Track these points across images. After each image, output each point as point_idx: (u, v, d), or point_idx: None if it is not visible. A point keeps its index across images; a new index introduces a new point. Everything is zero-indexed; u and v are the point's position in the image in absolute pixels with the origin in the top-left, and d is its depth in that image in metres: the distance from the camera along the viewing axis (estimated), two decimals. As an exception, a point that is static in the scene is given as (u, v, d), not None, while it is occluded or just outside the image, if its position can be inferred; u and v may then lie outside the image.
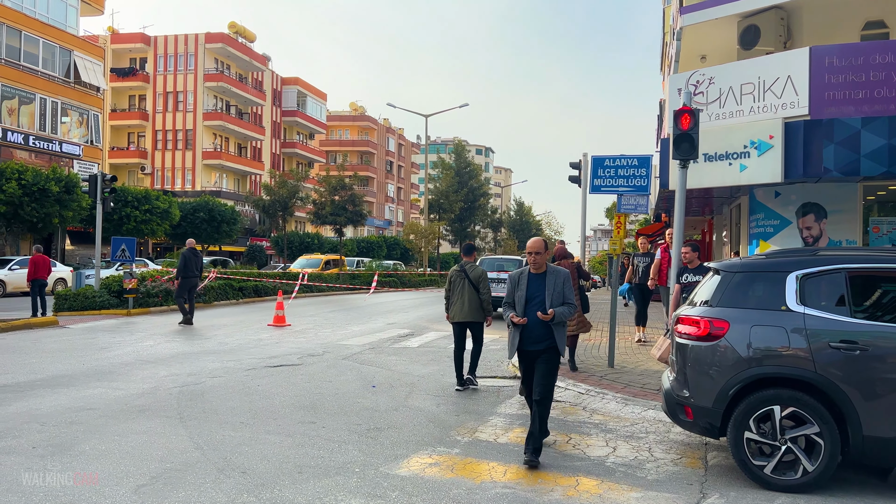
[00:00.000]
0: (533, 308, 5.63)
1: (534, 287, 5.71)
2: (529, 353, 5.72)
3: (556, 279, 5.70)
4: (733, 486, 5.05)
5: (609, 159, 9.69)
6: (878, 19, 13.28)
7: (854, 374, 4.77)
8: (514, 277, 5.85)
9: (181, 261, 15.37)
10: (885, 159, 10.11)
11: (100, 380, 8.59)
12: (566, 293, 5.69)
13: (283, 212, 34.08)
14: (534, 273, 5.78)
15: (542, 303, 5.61)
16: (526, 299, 5.68)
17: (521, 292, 5.72)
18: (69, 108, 35.62)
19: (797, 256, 5.36)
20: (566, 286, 5.69)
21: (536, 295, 5.67)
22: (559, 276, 5.72)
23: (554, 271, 5.77)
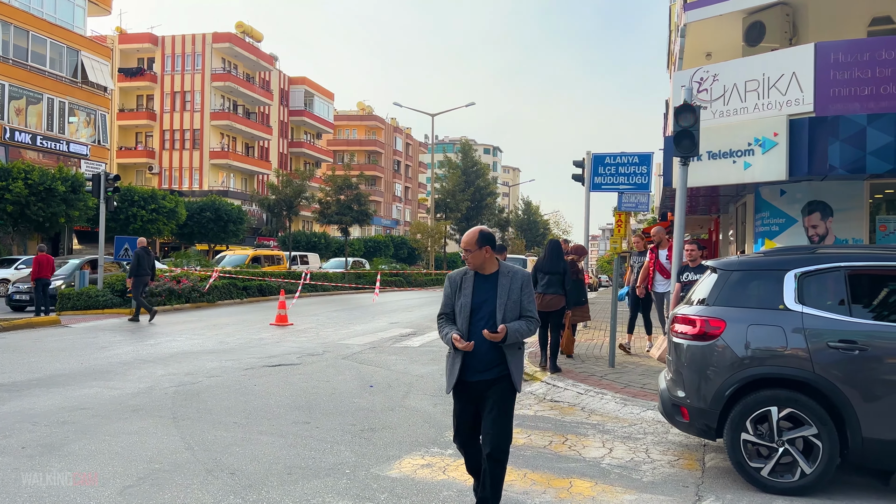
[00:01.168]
0: (479, 322, 4.11)
1: (482, 293, 4.17)
2: (472, 385, 4.16)
3: (511, 283, 4.16)
4: (730, 489, 4.95)
5: (610, 157, 9.59)
6: (885, 15, 13.11)
7: (853, 374, 4.66)
8: (454, 278, 4.28)
9: (135, 259, 15.41)
10: (892, 157, 9.96)
11: (96, 379, 8.56)
12: (525, 303, 4.16)
13: (288, 211, 34.08)
14: (481, 274, 4.24)
15: (492, 314, 4.11)
16: (471, 310, 4.15)
17: (464, 300, 4.18)
18: (76, 108, 35.76)
19: (795, 255, 5.25)
20: (525, 293, 4.18)
21: (484, 304, 4.15)
22: (516, 280, 4.18)
23: (509, 272, 4.22)
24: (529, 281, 4.25)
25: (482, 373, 4.14)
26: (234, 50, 53.12)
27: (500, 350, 4.12)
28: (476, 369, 4.14)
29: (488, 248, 4.17)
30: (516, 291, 4.17)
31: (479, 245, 4.15)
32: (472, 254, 4.16)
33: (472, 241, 4.16)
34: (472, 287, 4.20)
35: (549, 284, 9.27)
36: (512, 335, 4.04)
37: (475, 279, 4.22)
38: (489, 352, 4.11)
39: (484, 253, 4.15)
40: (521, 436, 6.30)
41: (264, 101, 57.77)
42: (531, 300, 4.20)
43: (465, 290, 4.22)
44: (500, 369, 4.13)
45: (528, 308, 4.18)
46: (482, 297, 4.17)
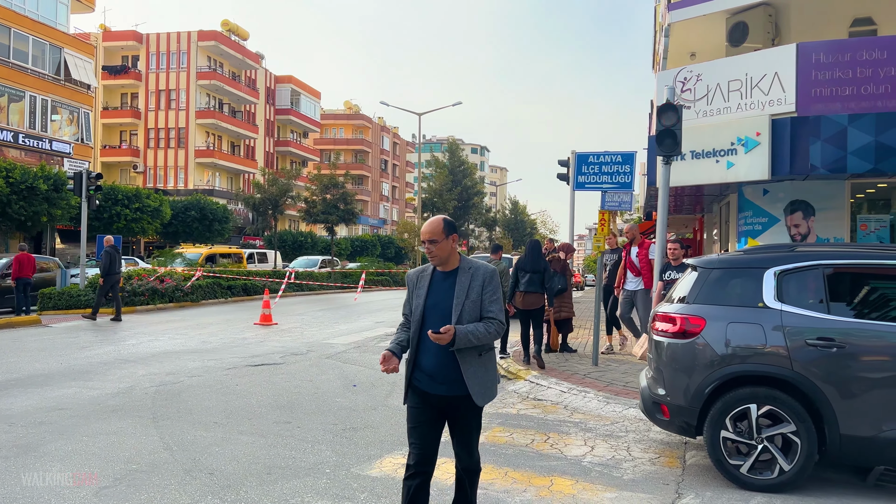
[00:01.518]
0: (434, 323, 3.52)
1: (438, 293, 3.61)
2: (430, 397, 3.60)
3: (471, 280, 3.57)
4: (710, 486, 4.96)
5: (593, 156, 9.61)
6: (866, 16, 13.23)
7: (831, 371, 4.68)
8: (411, 278, 3.76)
9: (106, 258, 15.26)
10: (872, 156, 10.04)
11: (75, 379, 8.47)
12: (486, 302, 3.55)
13: (273, 210, 33.92)
14: (440, 271, 3.68)
15: (447, 317, 3.52)
16: (424, 310, 3.59)
17: (416, 301, 3.65)
18: (59, 106, 35.39)
19: (775, 253, 5.28)
20: (487, 291, 3.56)
21: (440, 305, 3.58)
22: (477, 276, 3.58)
23: (470, 268, 3.62)
24: (494, 277, 3.60)
25: (440, 385, 3.54)
26: (220, 48, 52.80)
27: (452, 360, 3.50)
28: (434, 380, 3.55)
29: (455, 236, 3.62)
30: (476, 290, 3.54)
31: (447, 233, 3.56)
32: (438, 245, 3.55)
33: (439, 230, 3.55)
34: (427, 286, 3.63)
35: (531, 283, 9.50)
36: (463, 339, 3.39)
37: (433, 277, 3.65)
38: (446, 361, 3.50)
39: (451, 243, 3.58)
40: (504, 434, 6.30)
41: (250, 100, 57.47)
42: (495, 300, 3.58)
43: (420, 290, 3.64)
44: (461, 385, 3.51)
45: (490, 309, 3.54)
46: (438, 297, 3.58)
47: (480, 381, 3.55)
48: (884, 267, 4.98)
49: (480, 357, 3.56)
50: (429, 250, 3.59)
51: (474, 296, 3.55)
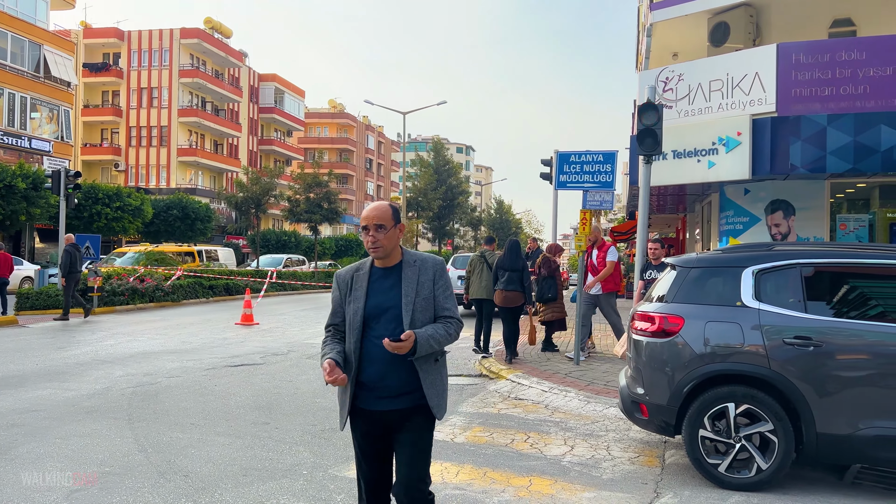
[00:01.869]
0: (379, 333, 3.00)
1: (380, 293, 3.07)
2: (376, 415, 3.07)
3: (420, 275, 3.08)
4: (688, 485, 4.96)
5: (575, 155, 9.61)
6: (846, 17, 13.35)
7: (808, 370, 4.69)
8: (343, 278, 3.18)
9: (66, 257, 15.07)
10: (851, 156, 10.13)
11: (51, 380, 8.34)
12: (440, 299, 3.10)
13: (256, 209, 33.69)
14: (380, 268, 3.14)
15: (397, 320, 3.01)
16: (365, 316, 3.05)
17: (354, 305, 3.08)
18: (39, 104, 34.96)
19: (753, 252, 5.29)
20: (440, 286, 3.10)
21: (385, 308, 3.04)
22: (426, 270, 3.10)
23: (416, 261, 3.13)
24: (444, 269, 3.13)
25: (388, 400, 3.03)
26: (203, 46, 52.38)
27: (412, 368, 3.01)
28: (378, 395, 3.03)
29: (402, 227, 3.14)
30: (427, 285, 3.07)
31: (395, 221, 3.07)
32: (386, 233, 3.02)
33: (388, 216, 3.04)
34: (365, 287, 3.07)
35: (509, 281, 9.78)
36: (424, 344, 2.92)
37: (370, 275, 3.10)
38: (396, 371, 3.00)
39: (398, 233, 3.08)
40: (484, 434, 6.27)
41: (233, 98, 57.07)
42: (449, 295, 3.11)
43: (357, 291, 3.08)
44: (414, 396, 3.04)
45: (446, 306, 3.09)
46: (381, 298, 3.05)
47: (438, 392, 3.09)
48: (861, 266, 5.01)
49: (437, 363, 3.11)
50: (373, 240, 3.02)
51: (426, 292, 3.06)
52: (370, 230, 3.04)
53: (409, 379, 3.04)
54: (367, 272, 3.14)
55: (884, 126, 9.92)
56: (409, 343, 2.88)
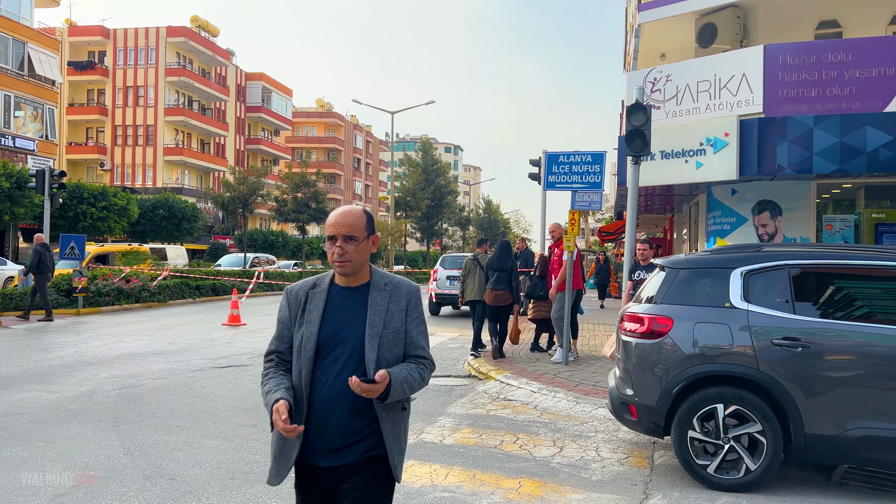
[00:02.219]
0: (333, 367, 2.43)
1: (339, 317, 2.48)
2: (322, 472, 2.44)
3: (390, 302, 2.51)
4: (677, 486, 4.96)
5: (563, 156, 9.62)
6: (832, 19, 13.44)
7: (796, 371, 4.71)
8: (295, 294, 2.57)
9: (35, 256, 14.89)
10: (837, 157, 10.20)
11: (35, 382, 8.24)
12: (414, 335, 2.54)
13: (243, 209, 33.53)
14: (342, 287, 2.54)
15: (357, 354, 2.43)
16: (317, 345, 2.45)
17: (307, 329, 2.47)
18: (23, 102, 34.60)
19: (741, 253, 5.30)
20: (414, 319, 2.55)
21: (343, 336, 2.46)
22: (398, 296, 2.53)
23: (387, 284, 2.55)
24: (419, 298, 2.56)
25: (338, 453, 2.41)
26: (189, 44, 52.04)
27: (372, 415, 2.42)
28: (327, 447, 2.40)
29: (377, 238, 2.56)
30: (398, 315, 2.49)
31: (369, 231, 2.50)
32: (357, 246, 2.43)
33: (361, 224, 2.46)
34: (322, 308, 2.47)
35: (498, 281, 9.98)
36: (398, 388, 2.35)
37: (329, 294, 2.51)
38: (354, 418, 2.40)
39: (371, 246, 2.52)
40: (473, 435, 6.25)
41: (220, 97, 56.75)
42: (423, 330, 2.57)
43: (312, 312, 2.48)
44: (369, 442, 2.42)
45: (421, 343, 2.54)
46: (340, 323, 2.45)
47: (401, 447, 2.51)
48: (848, 267, 5.03)
49: (404, 412, 2.53)
50: (340, 252, 2.42)
51: (396, 324, 2.48)
52: (337, 240, 2.42)
53: (368, 428, 2.42)
54: (325, 290, 2.53)
55: (869, 127, 9.99)
56: (383, 386, 2.30)
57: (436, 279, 17.88)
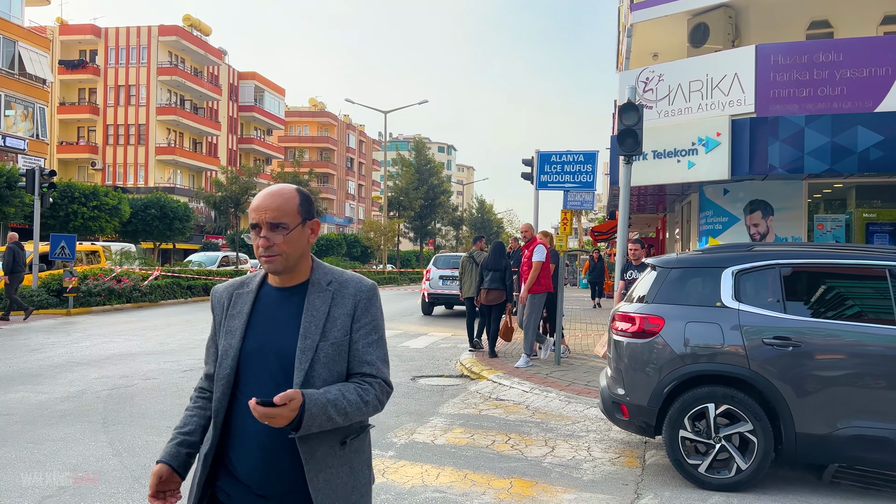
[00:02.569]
0: (260, 385, 1.91)
1: (268, 325, 1.98)
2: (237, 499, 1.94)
3: (332, 306, 1.98)
4: (668, 486, 4.96)
5: (555, 155, 9.61)
6: (823, 19, 13.49)
7: (787, 370, 4.71)
8: (219, 296, 2.09)
9: (9, 255, 14.75)
10: (828, 157, 10.22)
11: (24, 383, 8.17)
12: (361, 346, 1.99)
13: (235, 208, 33.41)
14: (275, 287, 2.04)
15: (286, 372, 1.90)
16: (240, 360, 1.96)
17: (225, 342, 1.99)
18: (13, 101, 34.39)
19: (732, 252, 5.30)
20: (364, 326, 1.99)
21: (272, 348, 1.94)
22: (342, 299, 1.99)
23: (331, 282, 2.02)
24: (373, 299, 2.02)
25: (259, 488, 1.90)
26: (181, 43, 51.84)
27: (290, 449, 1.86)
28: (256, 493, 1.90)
29: (316, 225, 2.02)
30: (342, 322, 1.96)
31: (304, 216, 1.97)
32: (287, 235, 1.92)
33: (291, 208, 1.94)
34: (247, 314, 1.98)
35: (493, 280, 10.12)
36: (318, 415, 1.78)
37: (259, 297, 2.02)
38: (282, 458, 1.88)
39: (308, 235, 1.99)
40: (465, 435, 6.23)
41: (213, 96, 56.56)
42: (375, 341, 2.00)
43: (235, 319, 1.99)
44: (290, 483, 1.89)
45: (368, 359, 1.97)
46: (268, 334, 1.95)
47: (340, 498, 1.91)
48: (838, 266, 5.04)
49: (344, 448, 1.93)
50: (265, 245, 1.91)
51: (337, 333, 1.94)
52: (261, 229, 1.92)
53: (289, 478, 1.89)
54: (253, 291, 2.02)
55: (860, 127, 10.03)
56: (289, 409, 1.71)
57: (428, 279, 17.85)
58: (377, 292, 2.06)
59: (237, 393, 1.95)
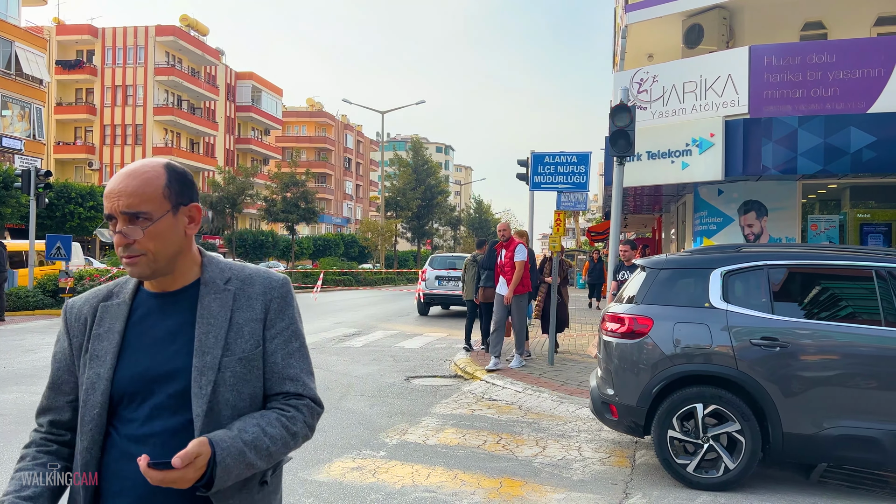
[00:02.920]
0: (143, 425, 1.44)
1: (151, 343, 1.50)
2: None
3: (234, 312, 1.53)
4: (657, 486, 4.99)
5: (549, 156, 9.64)
6: (817, 20, 13.52)
7: (774, 371, 4.74)
8: (76, 312, 1.58)
9: None
10: (821, 158, 10.26)
11: (18, 384, 8.19)
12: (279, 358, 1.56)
13: (231, 208, 33.43)
14: (153, 294, 1.56)
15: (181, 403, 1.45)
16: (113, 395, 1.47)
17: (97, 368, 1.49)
18: (10, 101, 34.37)
19: (721, 253, 5.33)
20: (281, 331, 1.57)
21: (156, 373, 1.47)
22: (249, 301, 1.56)
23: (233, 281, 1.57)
24: (288, 297, 1.63)
25: None
26: (179, 43, 51.83)
27: None
28: None
29: (195, 211, 1.58)
30: (250, 329, 1.56)
31: (174, 200, 1.53)
32: (152, 227, 1.49)
33: (153, 192, 1.50)
34: (119, 332, 1.54)
35: (488, 279, 10.31)
36: (235, 465, 1.41)
37: (133, 308, 1.57)
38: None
39: (184, 223, 1.56)
40: (456, 436, 6.26)
41: (210, 97, 56.55)
42: (297, 350, 1.61)
43: (102, 341, 1.54)
44: None
45: (288, 373, 1.58)
46: (150, 356, 1.51)
47: None
48: (826, 267, 5.07)
49: (264, 490, 1.56)
50: (122, 242, 1.48)
51: (246, 345, 1.54)
52: (117, 221, 1.47)
53: None
54: (126, 302, 1.56)
55: (853, 128, 10.06)
56: (195, 469, 1.34)
57: (424, 279, 17.88)
58: (291, 288, 1.64)
59: (112, 439, 1.46)
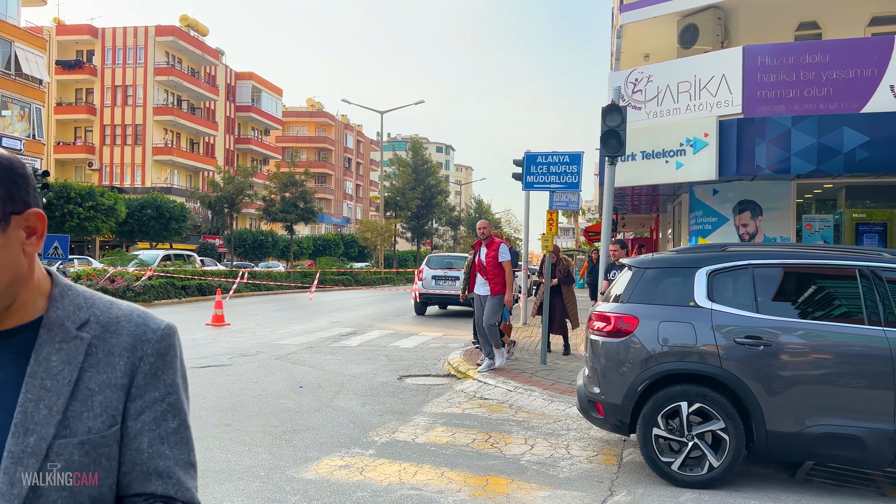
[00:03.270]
0: None
1: None
2: None
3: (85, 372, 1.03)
4: (642, 483, 5.01)
5: (542, 156, 9.67)
6: (812, 20, 13.55)
7: (758, 369, 4.77)
8: None
9: None
10: (815, 158, 10.28)
11: None
12: (146, 443, 1.06)
13: (230, 208, 33.46)
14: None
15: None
16: None
17: None
18: (9, 101, 34.43)
19: (707, 252, 5.36)
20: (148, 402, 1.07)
21: None
22: (111, 354, 1.07)
23: (91, 327, 1.07)
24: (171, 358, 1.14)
25: None
26: (178, 44, 51.88)
27: None
28: None
29: (36, 218, 1.09)
30: (108, 398, 1.06)
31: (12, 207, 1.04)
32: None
33: None
34: None
35: None
36: None
37: None
38: None
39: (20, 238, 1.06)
40: (445, 434, 6.29)
41: (210, 97, 56.60)
42: (175, 431, 1.12)
43: None
44: None
45: (161, 465, 1.08)
46: None
47: None
48: (810, 266, 5.10)
49: None
50: None
51: (95, 422, 1.05)
52: None
53: None
54: None
55: (846, 128, 10.08)
56: None
57: (421, 279, 17.92)
58: (175, 341, 1.18)
59: None
